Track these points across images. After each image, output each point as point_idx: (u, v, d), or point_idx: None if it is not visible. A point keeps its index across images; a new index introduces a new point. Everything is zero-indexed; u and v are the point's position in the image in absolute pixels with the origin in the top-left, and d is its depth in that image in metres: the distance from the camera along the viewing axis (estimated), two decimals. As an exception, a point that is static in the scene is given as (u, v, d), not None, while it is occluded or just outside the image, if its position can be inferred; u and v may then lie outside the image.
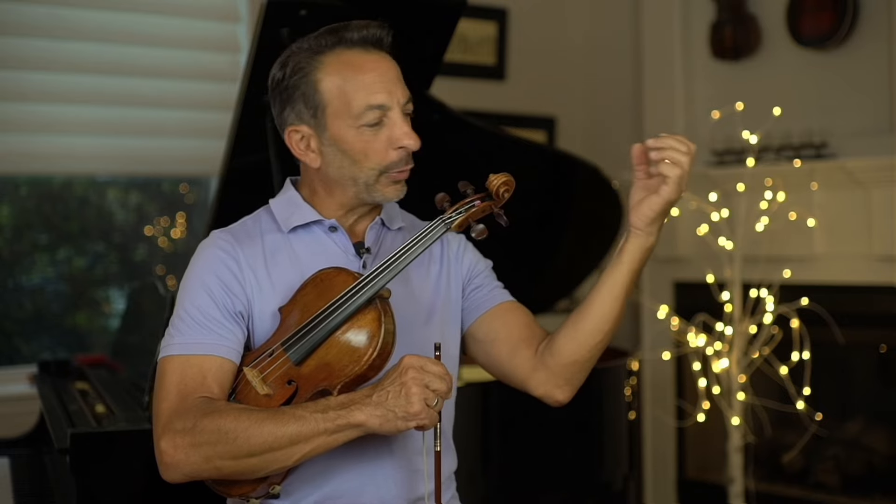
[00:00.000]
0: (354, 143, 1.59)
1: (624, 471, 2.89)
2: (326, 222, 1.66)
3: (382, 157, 1.60)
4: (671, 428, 4.16)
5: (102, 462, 1.91)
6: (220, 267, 1.61)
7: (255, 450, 1.46)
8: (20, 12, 3.36)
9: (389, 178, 1.61)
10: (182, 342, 1.58)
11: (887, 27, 3.56)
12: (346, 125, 1.59)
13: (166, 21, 3.60)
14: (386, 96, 1.58)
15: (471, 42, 4.24)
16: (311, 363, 1.54)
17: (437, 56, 2.57)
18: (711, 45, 4.06)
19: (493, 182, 1.56)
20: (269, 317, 1.62)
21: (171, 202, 3.89)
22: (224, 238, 1.65)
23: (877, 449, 3.77)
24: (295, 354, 1.54)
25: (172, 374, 1.56)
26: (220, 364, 1.57)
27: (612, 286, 1.63)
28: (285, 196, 1.71)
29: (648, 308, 3.99)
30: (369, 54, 1.60)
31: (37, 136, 3.41)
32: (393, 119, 1.59)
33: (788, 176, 3.55)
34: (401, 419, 1.44)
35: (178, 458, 1.49)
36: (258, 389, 1.54)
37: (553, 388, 1.71)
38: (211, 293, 1.59)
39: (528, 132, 4.25)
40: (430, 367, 1.46)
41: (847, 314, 3.49)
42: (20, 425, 2.90)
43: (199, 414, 1.49)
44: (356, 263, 1.66)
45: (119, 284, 3.79)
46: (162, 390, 1.56)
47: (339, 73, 1.58)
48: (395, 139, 1.59)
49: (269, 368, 1.56)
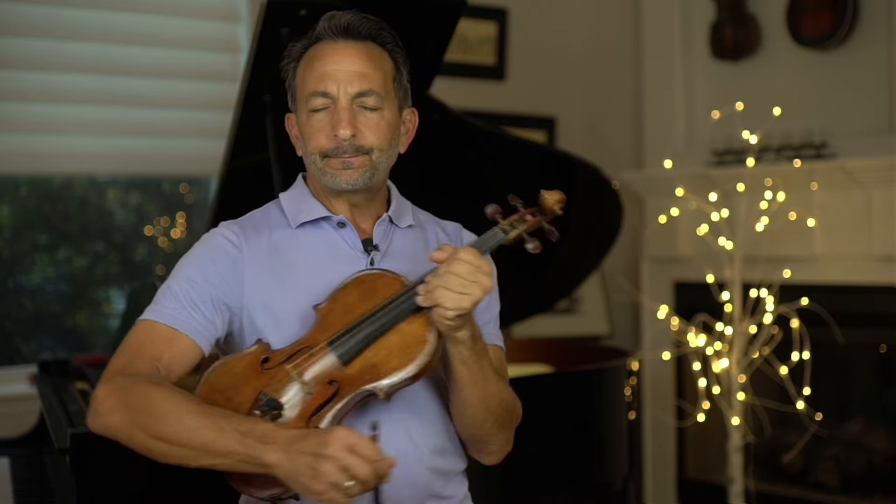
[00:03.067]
0: (304, 127, 1.66)
1: (624, 471, 2.89)
2: (335, 218, 1.67)
3: (319, 142, 1.64)
4: (671, 428, 4.16)
5: (102, 462, 1.91)
6: (221, 255, 1.63)
7: (169, 437, 1.45)
8: (20, 12, 3.36)
9: (336, 161, 1.63)
10: (157, 310, 1.60)
11: (887, 27, 3.56)
12: (301, 110, 1.66)
13: (166, 21, 3.60)
14: (332, 84, 1.62)
15: (471, 42, 4.24)
16: (358, 364, 1.52)
17: (438, 56, 2.57)
18: (711, 45, 4.06)
19: (548, 199, 1.61)
20: (268, 312, 1.61)
21: (171, 202, 3.89)
22: (231, 229, 1.67)
23: (877, 449, 3.77)
24: (343, 355, 1.53)
25: (137, 334, 1.59)
26: (187, 344, 1.58)
27: (460, 381, 1.59)
28: (296, 191, 1.73)
29: (648, 308, 3.99)
30: (336, 44, 1.65)
31: (37, 136, 3.40)
32: (337, 108, 1.62)
33: (788, 176, 3.55)
34: (302, 487, 1.38)
35: (104, 408, 1.49)
36: (293, 388, 1.51)
37: (475, 453, 1.72)
38: (204, 275, 1.61)
39: (528, 132, 4.25)
40: (361, 448, 1.36)
41: (847, 314, 3.49)
42: (20, 425, 2.90)
43: (143, 379, 1.50)
44: (364, 260, 1.66)
45: (119, 284, 3.79)
46: (122, 347, 1.59)
47: (306, 61, 1.66)
48: (332, 125, 1.63)
49: (310, 366, 1.52)
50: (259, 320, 1.62)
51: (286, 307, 1.62)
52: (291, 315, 1.61)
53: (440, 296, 1.48)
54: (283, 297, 1.62)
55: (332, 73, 1.62)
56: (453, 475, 1.71)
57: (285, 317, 1.61)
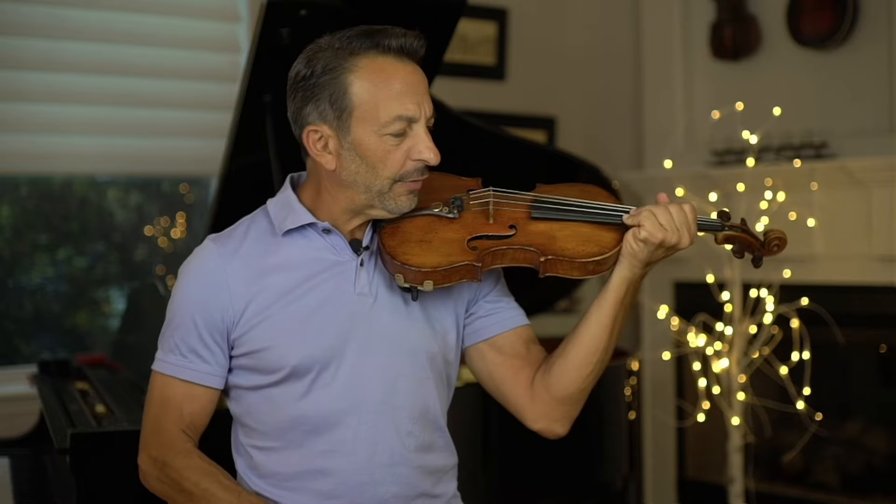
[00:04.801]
0: (376, 151, 1.58)
1: (624, 471, 2.89)
2: (320, 224, 1.65)
3: (399, 166, 1.59)
4: (671, 428, 4.15)
5: (102, 462, 1.91)
6: (205, 285, 1.63)
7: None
8: (20, 12, 3.36)
9: (404, 186, 1.61)
10: (165, 360, 1.66)
11: (887, 27, 3.56)
12: (371, 131, 1.57)
13: (166, 21, 3.59)
14: (415, 108, 1.58)
15: (471, 42, 4.24)
16: (542, 226, 1.66)
17: (438, 56, 2.57)
18: (711, 45, 4.06)
19: (771, 234, 1.73)
20: (261, 319, 1.62)
21: (171, 202, 3.89)
22: (214, 251, 1.65)
23: (877, 449, 3.77)
24: (537, 212, 1.67)
25: (154, 390, 1.67)
26: (202, 393, 1.65)
27: (599, 316, 1.67)
28: (282, 196, 1.70)
29: (648, 308, 3.99)
30: (403, 64, 1.59)
31: (37, 136, 3.40)
32: (417, 131, 1.59)
33: (788, 176, 3.55)
34: None
35: (146, 477, 1.65)
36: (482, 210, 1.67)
37: (552, 423, 1.74)
38: (195, 316, 1.63)
39: (528, 132, 4.25)
40: None
41: (847, 314, 3.49)
42: (20, 425, 2.90)
43: (173, 452, 1.62)
44: (354, 261, 1.65)
45: (119, 284, 3.79)
46: (147, 406, 1.68)
47: (372, 79, 1.56)
48: (416, 151, 1.59)
49: (506, 205, 1.68)
50: (254, 327, 1.62)
51: (280, 315, 1.62)
52: (287, 321, 1.62)
53: (645, 217, 1.61)
54: (270, 305, 1.62)
55: (413, 97, 1.57)
56: (443, 472, 1.72)
57: (281, 324, 1.62)
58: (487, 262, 1.63)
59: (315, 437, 1.62)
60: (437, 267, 1.59)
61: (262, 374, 1.63)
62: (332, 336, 1.62)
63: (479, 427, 2.54)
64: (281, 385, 1.62)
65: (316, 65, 1.58)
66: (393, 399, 1.64)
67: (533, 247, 1.62)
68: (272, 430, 1.64)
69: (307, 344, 1.61)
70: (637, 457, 3.98)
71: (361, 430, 1.62)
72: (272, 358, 1.61)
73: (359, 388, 1.62)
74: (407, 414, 1.65)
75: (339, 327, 1.62)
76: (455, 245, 1.62)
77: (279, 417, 1.63)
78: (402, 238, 1.63)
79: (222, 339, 1.64)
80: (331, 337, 1.62)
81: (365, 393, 1.62)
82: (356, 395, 1.62)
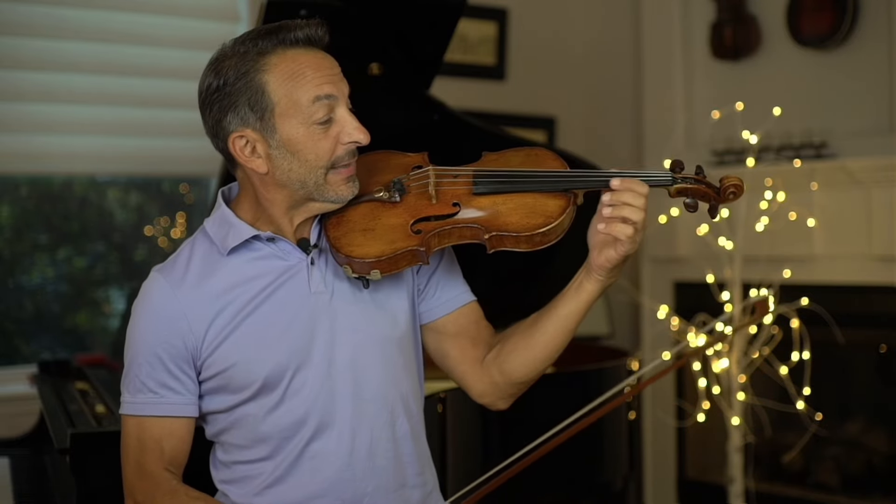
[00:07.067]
0: (306, 142, 1.56)
1: (624, 471, 2.89)
2: (263, 235, 1.63)
3: (331, 153, 1.57)
4: (671, 428, 4.15)
5: (102, 462, 1.91)
6: (159, 317, 1.61)
7: None
8: (19, 12, 3.35)
9: (339, 175, 1.59)
10: (135, 402, 1.63)
11: (887, 27, 3.56)
12: (297, 123, 1.56)
13: (166, 21, 3.59)
14: (331, 87, 1.56)
15: (471, 42, 4.24)
16: (485, 201, 1.61)
17: (438, 56, 2.57)
18: (711, 45, 4.06)
19: (727, 181, 1.65)
20: (224, 338, 1.60)
21: (171, 202, 3.89)
22: (163, 281, 1.63)
23: (877, 449, 3.77)
24: (479, 186, 1.62)
25: (129, 435, 1.63)
26: (178, 425, 1.62)
27: (566, 318, 1.68)
28: (218, 214, 1.67)
29: (648, 308, 3.99)
30: (314, 52, 1.58)
31: (36, 136, 3.40)
32: (341, 115, 1.58)
33: (788, 176, 3.55)
34: None
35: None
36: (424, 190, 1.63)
37: (497, 400, 1.77)
38: (155, 349, 1.61)
39: (528, 132, 4.25)
40: None
41: (847, 314, 3.49)
42: (20, 425, 2.90)
43: (160, 494, 1.58)
44: (304, 261, 1.63)
45: (119, 284, 3.79)
46: (123, 448, 1.64)
47: (285, 72, 1.55)
48: (345, 134, 1.58)
49: (446, 183, 1.63)
50: (220, 344, 1.60)
51: (241, 330, 1.60)
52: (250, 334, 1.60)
53: (619, 231, 1.58)
54: (230, 322, 1.60)
55: (327, 77, 1.56)
56: (422, 465, 1.71)
57: (245, 339, 1.60)
58: (433, 245, 1.61)
59: (295, 441, 1.61)
60: (380, 256, 1.57)
61: (234, 394, 1.61)
62: (296, 339, 1.60)
63: (478, 427, 2.54)
64: (254, 400, 1.61)
65: (227, 73, 1.58)
66: (365, 390, 1.63)
67: (477, 224, 1.60)
68: (252, 443, 1.63)
69: (274, 351, 1.59)
70: (637, 457, 3.97)
71: (339, 428, 1.61)
72: (241, 374, 1.60)
73: (331, 386, 1.61)
74: (381, 403, 1.64)
75: (302, 329, 1.61)
76: (399, 231, 1.60)
77: (258, 430, 1.61)
78: (347, 228, 1.62)
79: (189, 367, 1.61)
80: (295, 339, 1.60)
81: (337, 387, 1.61)
82: (329, 392, 1.61)
